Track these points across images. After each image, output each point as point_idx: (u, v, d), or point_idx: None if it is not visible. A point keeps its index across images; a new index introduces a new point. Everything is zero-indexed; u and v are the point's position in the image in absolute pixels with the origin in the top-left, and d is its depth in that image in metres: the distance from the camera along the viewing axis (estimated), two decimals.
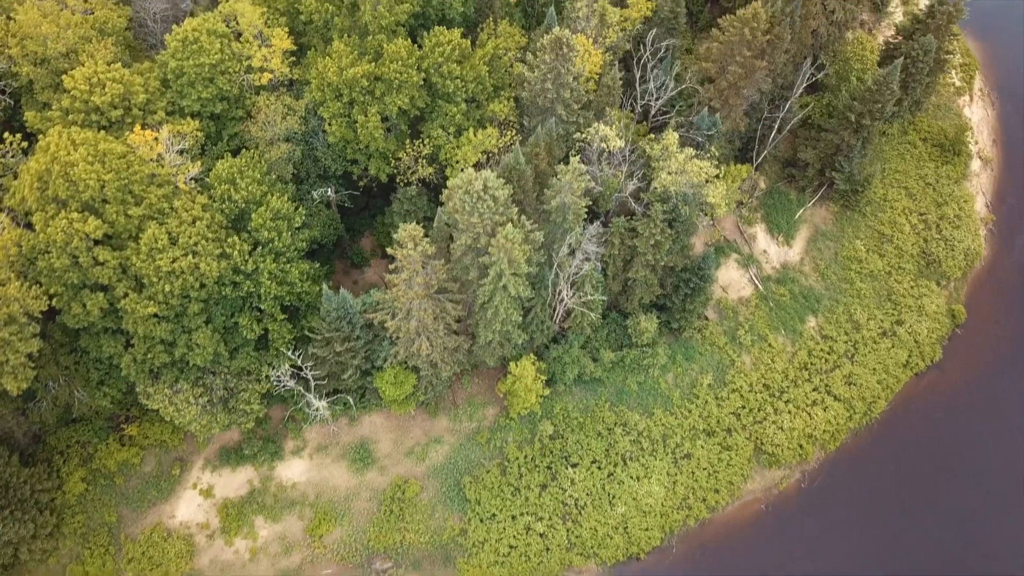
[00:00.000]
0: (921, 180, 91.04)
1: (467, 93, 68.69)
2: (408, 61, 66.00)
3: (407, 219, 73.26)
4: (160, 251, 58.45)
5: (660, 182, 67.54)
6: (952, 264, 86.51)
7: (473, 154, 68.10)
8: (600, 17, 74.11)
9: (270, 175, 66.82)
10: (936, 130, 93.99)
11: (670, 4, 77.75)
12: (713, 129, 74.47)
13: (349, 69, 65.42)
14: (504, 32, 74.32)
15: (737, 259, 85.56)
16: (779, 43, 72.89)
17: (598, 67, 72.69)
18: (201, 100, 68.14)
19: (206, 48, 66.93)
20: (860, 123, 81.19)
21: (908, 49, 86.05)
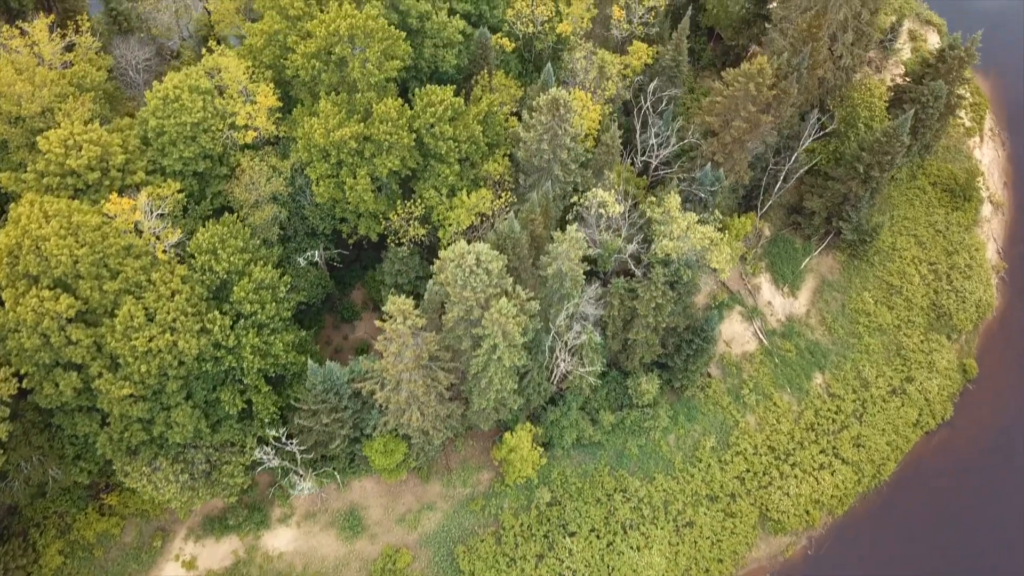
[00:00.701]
0: (931, 227, 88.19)
1: (460, 153, 65.88)
2: (399, 122, 63.19)
3: (398, 279, 70.54)
4: (136, 330, 55.60)
5: (661, 248, 64.69)
6: (963, 317, 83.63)
7: (467, 217, 65.29)
8: (599, 69, 71.30)
9: (254, 239, 64.01)
10: (946, 174, 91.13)
11: (671, 52, 74.93)
12: (716, 185, 71.65)
13: (336, 131, 62.60)
14: (499, 84, 71.50)
15: (741, 312, 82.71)
16: (785, 97, 70.05)
17: (596, 123, 69.91)
18: (183, 159, 65.35)
19: (188, 106, 64.11)
20: (869, 174, 78.36)
21: (918, 94, 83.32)
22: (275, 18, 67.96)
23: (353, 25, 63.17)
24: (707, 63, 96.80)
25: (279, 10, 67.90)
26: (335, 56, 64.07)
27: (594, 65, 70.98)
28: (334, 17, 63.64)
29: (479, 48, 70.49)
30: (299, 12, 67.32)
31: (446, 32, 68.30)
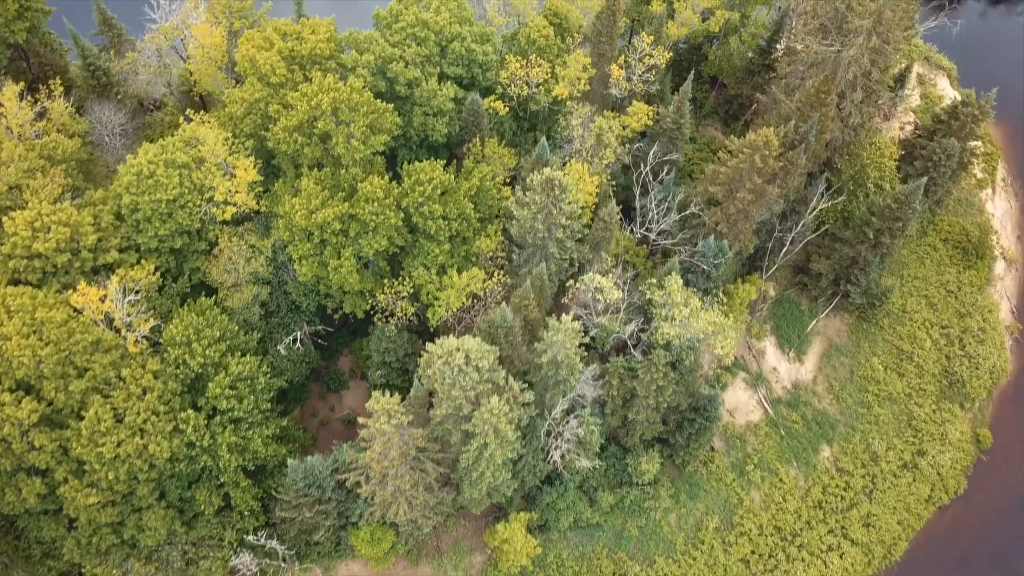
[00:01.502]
0: (942, 287, 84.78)
1: (451, 231, 62.55)
2: (385, 201, 59.87)
3: (386, 356, 67.14)
4: (104, 434, 52.32)
5: (662, 335, 61.32)
6: (977, 385, 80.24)
7: (457, 299, 61.96)
8: (596, 137, 67.95)
9: (232, 324, 60.72)
10: (958, 230, 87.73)
11: (673, 115, 71.50)
12: (719, 257, 68.26)
13: (319, 212, 59.30)
14: (492, 153, 68.14)
15: (745, 378, 79.32)
16: (793, 168, 66.68)
17: (594, 195, 66.55)
18: (159, 237, 62.14)
19: (163, 183, 60.90)
20: (879, 240, 74.99)
21: (930, 152, 79.97)
22: (256, 85, 64.68)
23: (336, 99, 59.92)
24: (709, 111, 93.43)
25: (260, 77, 64.63)
26: (318, 130, 60.76)
27: (591, 133, 67.59)
28: (316, 90, 60.37)
29: (471, 115, 67.15)
30: (281, 79, 64.06)
31: (436, 101, 65.00)
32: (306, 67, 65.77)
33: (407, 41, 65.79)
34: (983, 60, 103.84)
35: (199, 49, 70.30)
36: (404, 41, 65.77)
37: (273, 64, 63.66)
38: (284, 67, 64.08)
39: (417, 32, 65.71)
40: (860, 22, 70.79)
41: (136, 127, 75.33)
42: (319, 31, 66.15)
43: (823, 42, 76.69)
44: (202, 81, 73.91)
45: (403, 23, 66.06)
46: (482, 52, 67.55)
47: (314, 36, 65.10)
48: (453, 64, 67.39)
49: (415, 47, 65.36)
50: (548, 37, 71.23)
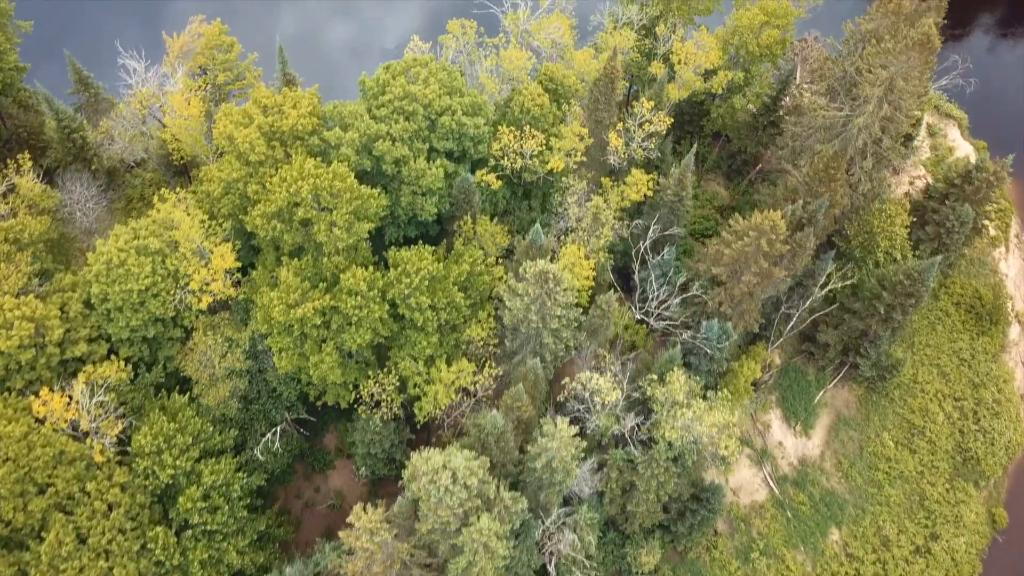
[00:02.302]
0: (955, 356, 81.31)
1: (439, 321, 59.10)
2: (369, 294, 56.42)
3: (371, 448, 63.72)
4: (65, 559, 48.85)
5: (663, 437, 57.86)
6: (992, 462, 76.79)
7: (446, 395, 58.48)
8: (593, 216, 64.50)
9: (206, 425, 57.28)
10: (970, 293, 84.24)
11: (674, 187, 68.03)
12: (723, 340, 64.88)
13: (298, 307, 55.85)
14: (484, 232, 64.66)
15: (749, 455, 75.85)
16: (801, 251, 63.22)
17: (590, 279, 63.09)
18: (131, 327, 58.77)
19: (134, 272, 57.51)
20: (890, 315, 71.55)
21: (943, 218, 76.64)
22: (234, 164, 61.25)
23: (317, 185, 56.48)
24: (712, 166, 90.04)
25: (238, 155, 61.20)
26: (298, 217, 57.33)
27: (588, 212, 64.14)
28: (296, 176, 56.90)
29: (461, 193, 63.68)
30: (260, 157, 60.59)
31: (425, 180, 61.53)
32: (287, 143, 62.36)
33: (394, 115, 62.33)
34: (995, 105, 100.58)
35: (176, 120, 66.86)
36: (391, 115, 62.31)
37: (252, 141, 60.20)
38: (264, 144, 60.62)
39: (405, 106, 62.23)
40: (871, 90, 67.41)
41: (112, 193, 72.08)
42: (301, 105, 62.67)
43: (831, 104, 73.43)
44: (181, 149, 70.58)
45: (390, 95, 62.62)
46: (473, 125, 64.00)
47: (295, 111, 61.64)
48: (443, 138, 63.88)
49: (403, 123, 61.88)
50: (543, 106, 67.79)
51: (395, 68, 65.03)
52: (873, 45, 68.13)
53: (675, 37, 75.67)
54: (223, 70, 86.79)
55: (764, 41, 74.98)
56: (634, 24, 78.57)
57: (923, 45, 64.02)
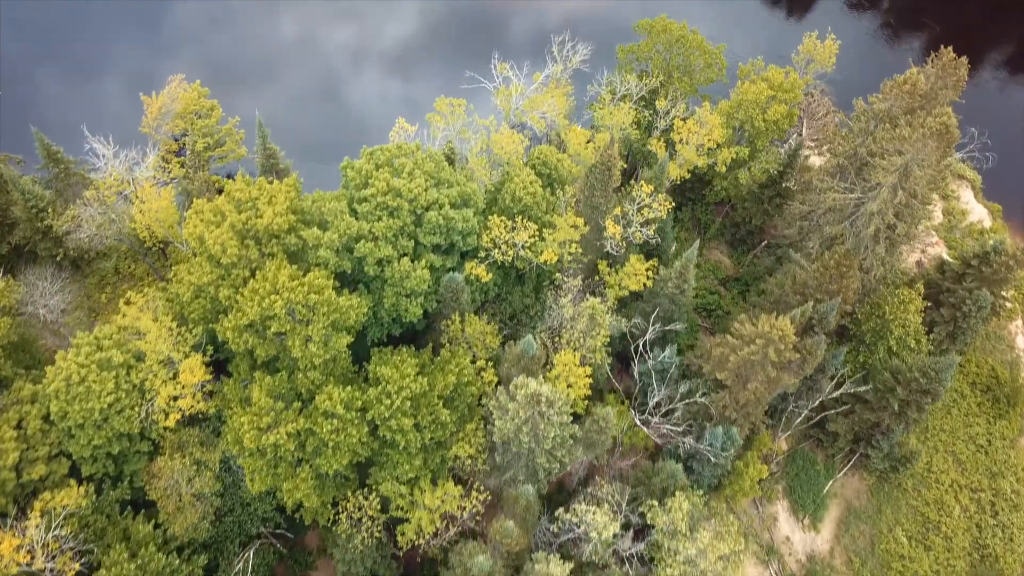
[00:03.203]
0: (971, 442, 77.25)
1: (423, 440, 55.07)
2: (347, 416, 52.41)
3: (351, 567, 59.68)
4: None
5: (667, 573, 53.81)
6: (1011, 559, 72.70)
7: (430, 522, 54.46)
8: (590, 317, 60.49)
9: (171, 560, 53.25)
10: (986, 372, 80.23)
11: (675, 280, 64.05)
12: (729, 447, 60.95)
13: (271, 432, 51.84)
14: (473, 332, 60.66)
15: (755, 551, 71.77)
16: (811, 358, 59.18)
17: (586, 387, 59.06)
18: (93, 445, 54.83)
19: (95, 390, 53.52)
20: (903, 411, 67.56)
21: (959, 301, 72.63)
22: (205, 267, 57.18)
23: (291, 300, 52.47)
24: (714, 234, 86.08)
25: (209, 256, 57.17)
26: (271, 331, 53.34)
27: (583, 315, 60.13)
28: (269, 289, 52.85)
29: (449, 292, 59.71)
30: (233, 259, 56.55)
31: (410, 283, 57.56)
32: (262, 242, 58.34)
33: (377, 211, 58.37)
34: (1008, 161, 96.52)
35: (146, 212, 62.95)
36: (374, 211, 58.34)
37: (224, 243, 56.14)
38: (236, 245, 56.52)
39: (389, 201, 58.20)
40: (885, 176, 63.47)
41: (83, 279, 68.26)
42: (278, 201, 58.50)
43: (841, 185, 69.52)
44: (154, 236, 66.79)
45: (373, 189, 58.59)
46: (462, 219, 60.01)
47: (271, 209, 57.55)
48: (430, 233, 59.89)
49: (386, 220, 57.92)
50: (535, 193, 63.80)
51: (379, 157, 61.04)
52: (887, 129, 64.23)
53: (675, 111, 71.75)
54: (203, 135, 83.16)
55: (771, 116, 71.04)
56: (633, 95, 74.67)
57: (941, 135, 60.11)
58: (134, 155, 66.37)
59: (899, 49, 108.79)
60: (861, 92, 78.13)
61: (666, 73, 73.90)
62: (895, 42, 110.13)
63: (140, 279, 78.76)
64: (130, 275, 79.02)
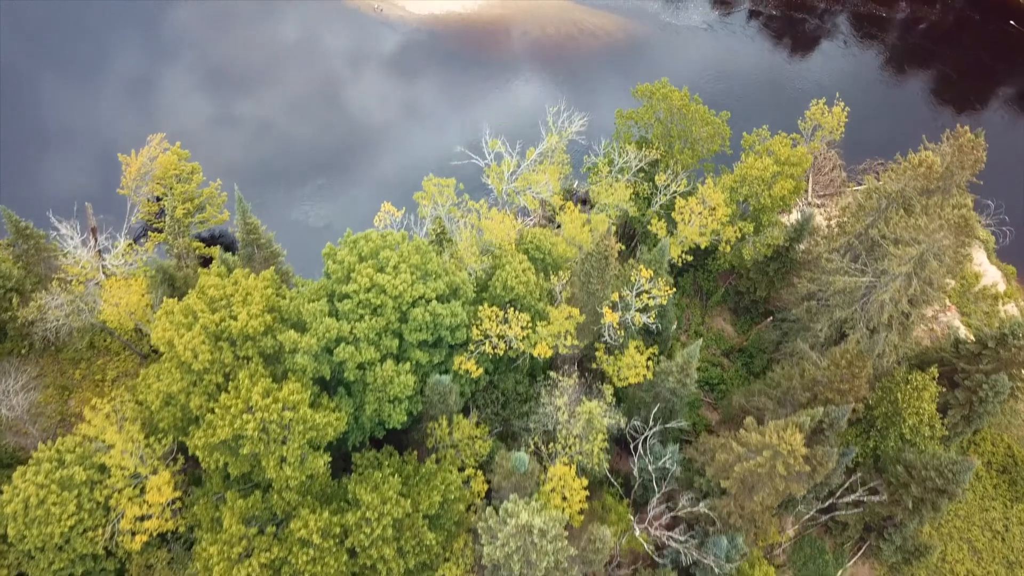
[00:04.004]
0: (987, 528, 73.61)
1: (406, 567, 51.44)
2: (324, 545, 48.81)
3: None
4: None
5: None
6: None
7: None
8: (586, 421, 56.87)
9: None
10: (1002, 451, 76.62)
11: (677, 375, 60.39)
12: (734, 558, 57.33)
13: (243, 564, 48.22)
14: (461, 437, 57.05)
15: None
16: (821, 468, 55.56)
17: (583, 500, 55.43)
18: (54, 570, 51.24)
19: (55, 512, 49.94)
20: (918, 508, 63.94)
21: (975, 384, 68.94)
22: (174, 375, 53.54)
23: (265, 419, 48.87)
24: (718, 301, 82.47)
25: (179, 364, 53.57)
26: (244, 451, 49.70)
27: (579, 420, 56.52)
28: (241, 407, 49.24)
29: (436, 395, 56.10)
30: (204, 365, 52.94)
31: (393, 389, 53.99)
32: (237, 344, 54.74)
33: (359, 310, 54.80)
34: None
35: (115, 310, 59.37)
36: (356, 310, 54.77)
37: (195, 348, 52.55)
38: (209, 348, 52.96)
39: (372, 299, 54.66)
40: (899, 267, 59.86)
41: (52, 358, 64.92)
42: (253, 299, 54.83)
43: (852, 266, 65.93)
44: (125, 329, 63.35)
45: (356, 285, 55.01)
46: (450, 314, 56.42)
47: (246, 311, 53.88)
48: (416, 330, 56.31)
49: (369, 320, 54.36)
50: (528, 282, 60.20)
51: (363, 247, 57.39)
52: (901, 216, 60.63)
53: (676, 187, 68.15)
54: (183, 201, 79.73)
55: (777, 193, 67.41)
56: (632, 166, 71.07)
57: (960, 227, 56.54)
58: (103, 240, 62.73)
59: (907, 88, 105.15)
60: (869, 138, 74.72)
61: (667, 144, 70.29)
62: (902, 80, 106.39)
63: (116, 354, 75.34)
64: (106, 349, 75.52)
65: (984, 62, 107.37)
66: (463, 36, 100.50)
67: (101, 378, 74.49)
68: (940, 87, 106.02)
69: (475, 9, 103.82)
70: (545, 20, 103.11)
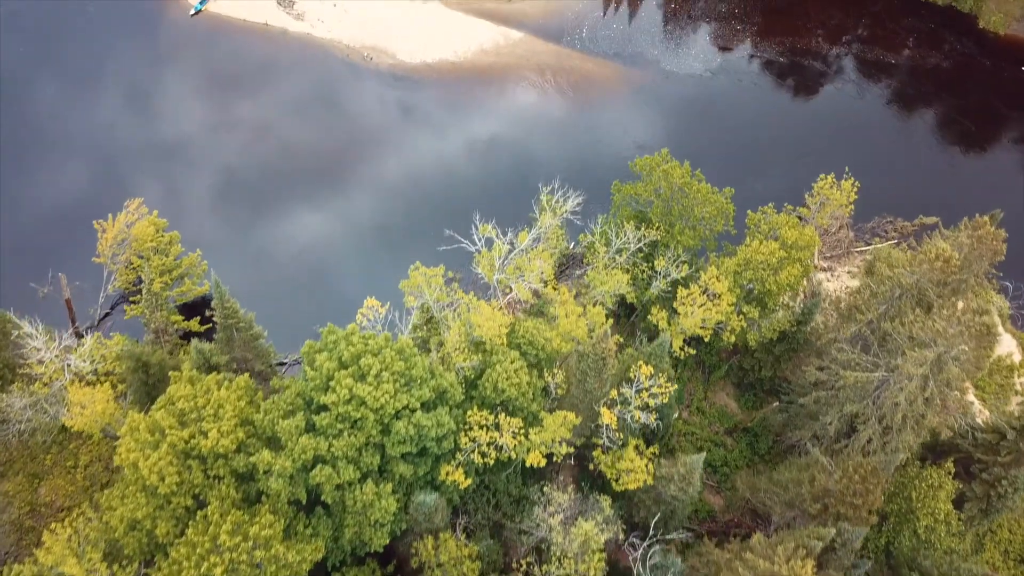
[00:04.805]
0: None
1: None
2: None
3: None
4: None
5: None
6: None
7: None
8: (582, 543, 53.21)
9: None
10: (1020, 540, 72.91)
11: (679, 483, 56.74)
12: None
13: None
14: (448, 559, 53.38)
15: None
16: None
17: None
18: None
19: None
20: None
21: (994, 478, 65.28)
22: (139, 499, 49.95)
23: (234, 560, 45.20)
24: (721, 377, 78.78)
25: (142, 488, 49.96)
26: None
27: (575, 541, 52.87)
28: (208, 547, 45.60)
29: (420, 514, 52.50)
30: (172, 488, 49.32)
31: (374, 513, 50.39)
32: (207, 462, 51.13)
33: (338, 424, 51.19)
34: None
35: (79, 417, 55.78)
36: (335, 424, 51.16)
37: (162, 470, 48.96)
38: (176, 471, 49.34)
39: (351, 412, 51.03)
40: (914, 369, 56.22)
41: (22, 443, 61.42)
42: (225, 413, 51.19)
43: (864, 358, 62.28)
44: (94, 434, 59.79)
45: (335, 397, 51.37)
46: (435, 424, 52.81)
47: (216, 429, 50.24)
48: (399, 443, 52.71)
49: (347, 437, 50.78)
50: (520, 384, 56.59)
51: (343, 351, 53.64)
52: (917, 315, 57.01)
53: (677, 273, 64.53)
54: (160, 273, 76.33)
55: (784, 280, 63.74)
56: (631, 246, 67.41)
57: (982, 336, 52.92)
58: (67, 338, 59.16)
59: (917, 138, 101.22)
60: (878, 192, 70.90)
61: (667, 223, 66.63)
62: (912, 130, 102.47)
63: (88, 437, 71.75)
64: (77, 434, 71.96)
65: (998, 110, 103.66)
66: (455, 89, 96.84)
67: (73, 464, 70.92)
68: (952, 136, 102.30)
69: (468, 57, 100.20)
70: (541, 68, 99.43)
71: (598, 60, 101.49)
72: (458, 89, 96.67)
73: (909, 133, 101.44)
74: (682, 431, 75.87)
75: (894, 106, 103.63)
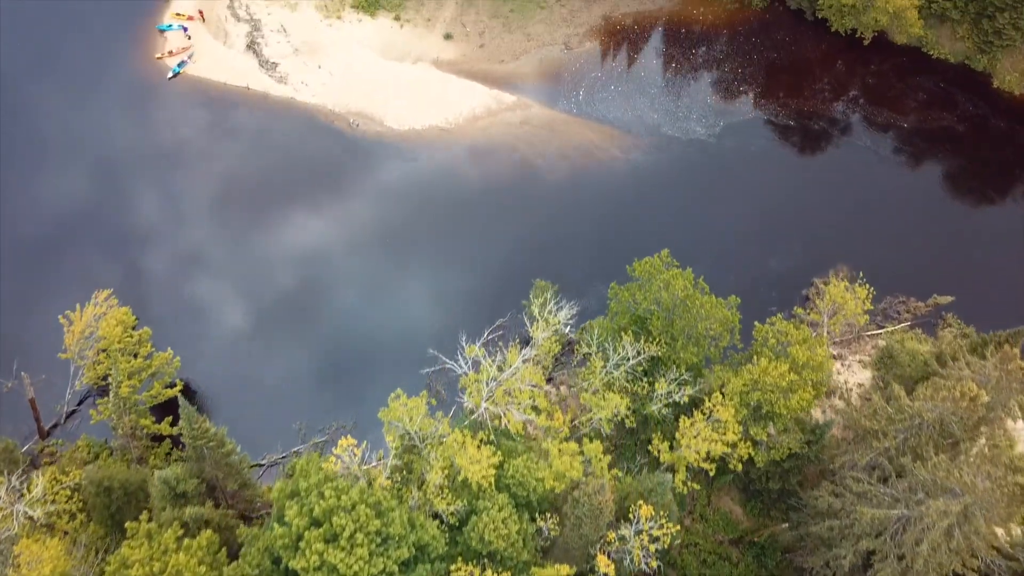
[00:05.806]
0: None
1: None
2: None
3: None
4: None
5: None
6: None
7: None
8: None
9: None
10: None
11: None
12: None
13: None
14: None
15: None
16: None
17: None
18: None
19: None
20: None
21: None
22: None
23: None
24: (727, 481, 73.94)
25: None
26: None
27: None
28: None
29: None
30: None
31: None
32: None
33: None
34: None
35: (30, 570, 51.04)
36: None
37: None
38: None
39: None
40: (941, 521, 51.50)
41: None
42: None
43: (882, 489, 57.62)
44: None
45: (305, 563, 46.82)
46: None
47: None
48: None
49: None
50: (508, 535, 51.93)
51: (314, 506, 49.03)
52: (942, 459, 52.34)
53: (679, 399, 59.86)
54: (128, 376, 71.67)
55: (795, 405, 59.04)
56: (629, 360, 62.69)
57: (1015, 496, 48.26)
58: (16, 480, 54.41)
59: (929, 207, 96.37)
60: (890, 269, 66.35)
61: (669, 336, 61.92)
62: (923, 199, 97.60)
63: None
64: None
65: (1017, 174, 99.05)
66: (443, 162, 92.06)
67: None
68: (968, 203, 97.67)
69: (460, 123, 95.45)
70: (535, 137, 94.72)
71: (595, 125, 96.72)
72: (447, 163, 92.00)
73: (922, 200, 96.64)
74: (684, 541, 71.17)
75: (905, 171, 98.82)
